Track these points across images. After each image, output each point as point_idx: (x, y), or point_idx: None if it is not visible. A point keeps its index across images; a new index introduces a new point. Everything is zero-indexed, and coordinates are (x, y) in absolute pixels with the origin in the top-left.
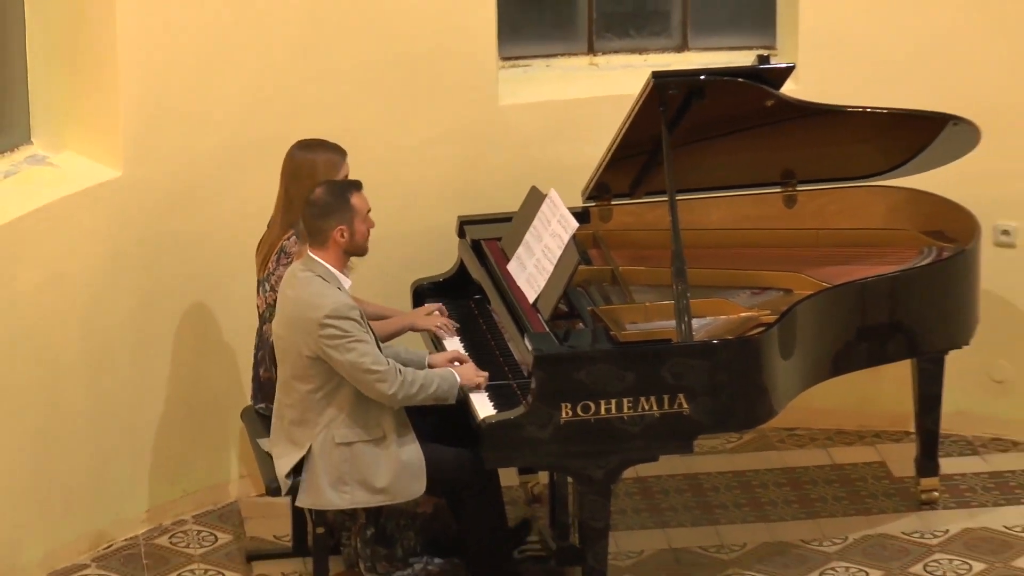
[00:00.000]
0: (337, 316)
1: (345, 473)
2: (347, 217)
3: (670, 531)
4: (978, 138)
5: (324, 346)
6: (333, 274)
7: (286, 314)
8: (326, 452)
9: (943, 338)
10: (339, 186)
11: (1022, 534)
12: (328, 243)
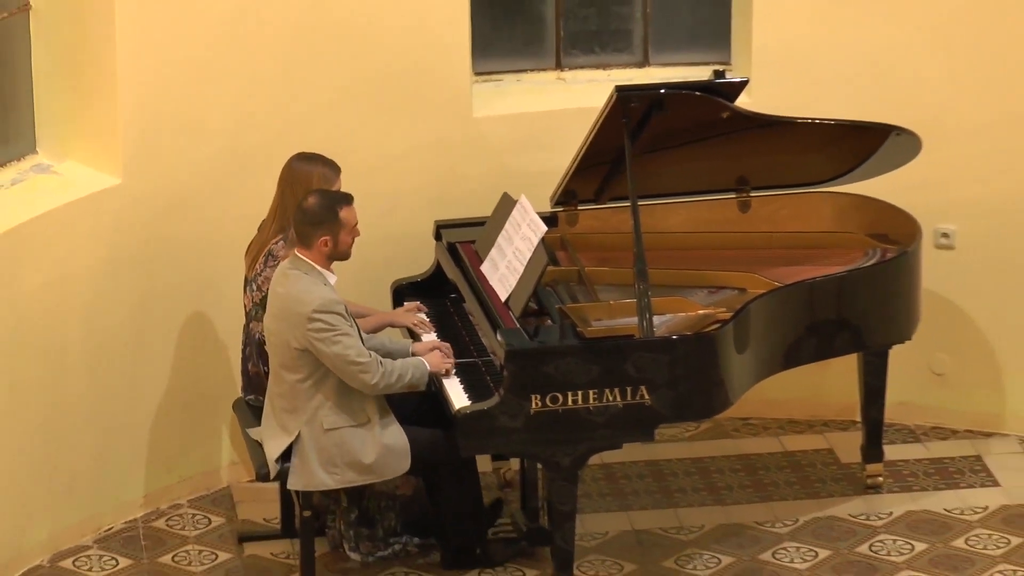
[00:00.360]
0: (324, 311)
1: (335, 456)
2: (334, 229)
3: (632, 514)
4: (919, 147)
5: (312, 339)
6: (318, 271)
7: (276, 309)
8: (315, 437)
9: (887, 334)
10: (331, 198)
11: (961, 516)
12: (312, 247)
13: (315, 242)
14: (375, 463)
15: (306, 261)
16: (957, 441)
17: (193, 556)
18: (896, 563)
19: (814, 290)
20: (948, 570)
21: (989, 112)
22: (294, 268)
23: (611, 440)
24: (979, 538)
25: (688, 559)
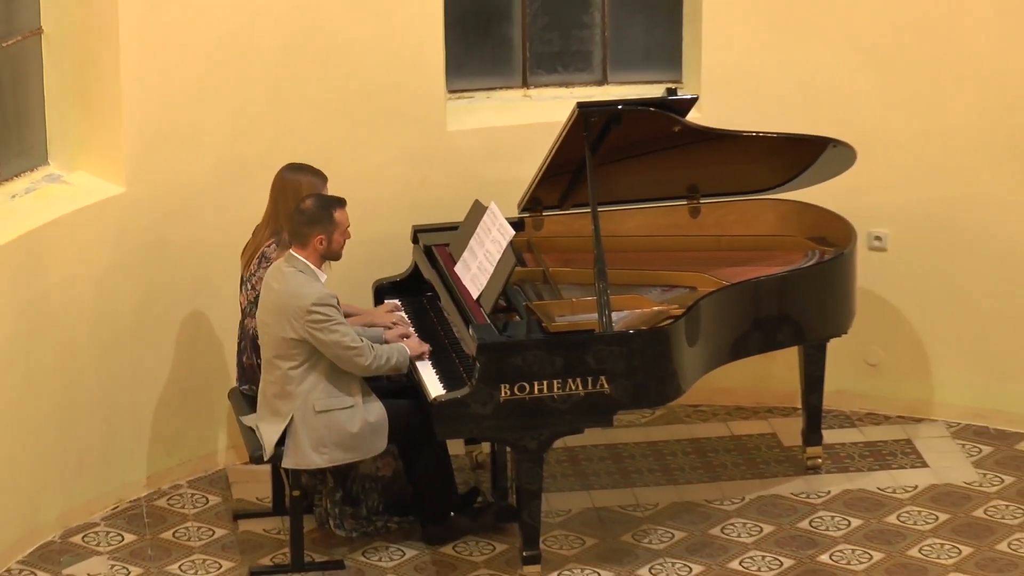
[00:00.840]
0: (321, 304)
1: (324, 437)
2: (328, 228)
3: (593, 493)
4: (854, 157)
5: (311, 329)
6: (312, 270)
7: (272, 303)
8: (307, 420)
9: (825, 328)
10: (327, 201)
11: (893, 495)
12: (307, 246)
13: (311, 240)
14: (359, 439)
15: (301, 259)
16: (889, 426)
17: (192, 532)
18: (834, 537)
19: (758, 288)
20: (881, 544)
21: (917, 125)
22: (289, 266)
23: (573, 425)
24: (909, 515)
25: (644, 534)
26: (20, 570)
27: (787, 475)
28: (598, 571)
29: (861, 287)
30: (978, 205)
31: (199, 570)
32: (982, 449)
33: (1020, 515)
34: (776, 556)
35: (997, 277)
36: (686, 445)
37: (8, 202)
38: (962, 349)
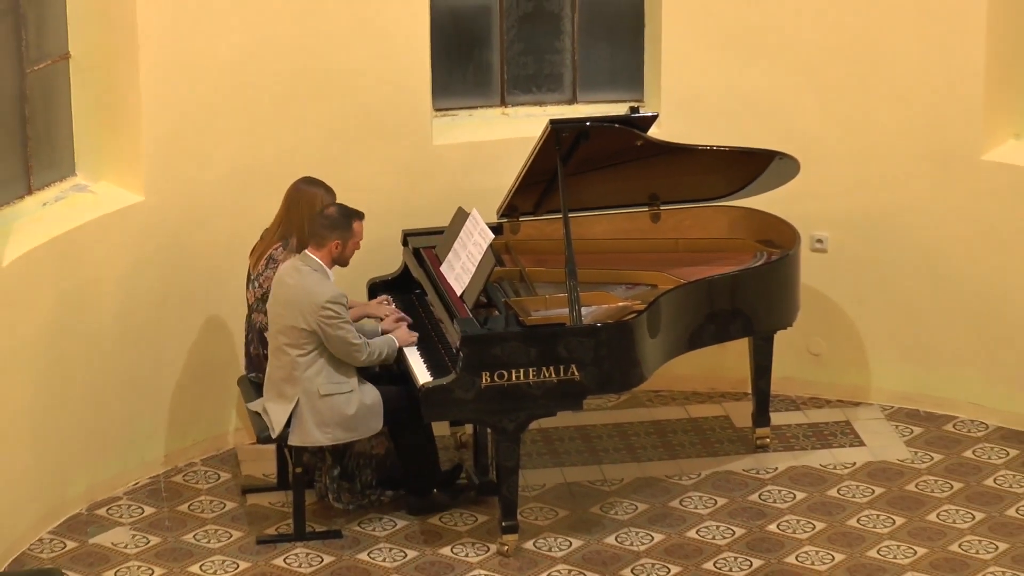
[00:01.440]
0: (333, 302)
1: (327, 417)
2: (345, 235)
3: (565, 469)
4: (798, 168)
5: (322, 324)
6: (324, 269)
7: (285, 296)
8: (312, 402)
9: (773, 321)
10: (348, 211)
11: (833, 471)
12: (323, 247)
13: (328, 243)
14: (358, 420)
15: (315, 259)
16: (830, 409)
17: (205, 505)
18: (781, 509)
19: (712, 286)
20: (823, 515)
21: (853, 140)
22: (304, 264)
23: (547, 409)
24: (848, 488)
25: (611, 506)
26: (51, 539)
27: (739, 453)
28: (570, 539)
29: (804, 284)
30: (906, 210)
31: (211, 539)
32: (913, 430)
33: (948, 489)
34: (729, 526)
35: (925, 275)
36: (648, 426)
37: (40, 209)
38: (895, 340)
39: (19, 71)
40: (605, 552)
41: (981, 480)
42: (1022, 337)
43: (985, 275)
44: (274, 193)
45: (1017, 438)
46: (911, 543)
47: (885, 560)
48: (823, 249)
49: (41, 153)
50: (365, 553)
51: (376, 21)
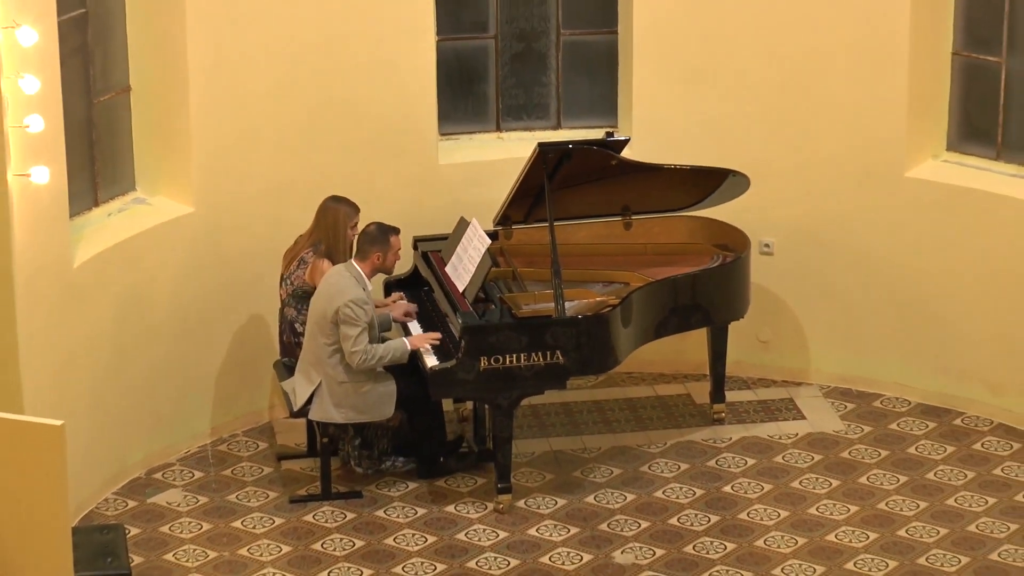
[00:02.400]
0: (354, 303)
1: (343, 400)
2: (384, 248)
3: (551, 439)
4: (748, 184)
5: (341, 317)
6: (363, 278)
7: (327, 291)
8: (331, 386)
9: (727, 314)
10: (386, 228)
11: (779, 441)
12: (367, 259)
13: (370, 256)
14: (370, 405)
15: (357, 268)
16: (776, 388)
17: (246, 470)
18: (734, 473)
19: (676, 284)
20: (770, 478)
21: (796, 158)
22: (347, 271)
23: (536, 388)
24: (792, 455)
25: (590, 470)
26: (114, 499)
27: (698, 426)
28: (555, 499)
29: (754, 283)
30: (841, 220)
31: (251, 499)
32: (846, 406)
33: (876, 456)
34: (690, 487)
35: (856, 275)
36: (621, 403)
37: (105, 219)
38: (831, 329)
39: (87, 102)
40: (585, 509)
41: (904, 448)
42: (939, 327)
43: (907, 275)
44: (304, 205)
45: (935, 412)
46: (845, 502)
47: (823, 517)
48: (770, 252)
49: (106, 171)
50: (382, 511)
51: (390, 59)
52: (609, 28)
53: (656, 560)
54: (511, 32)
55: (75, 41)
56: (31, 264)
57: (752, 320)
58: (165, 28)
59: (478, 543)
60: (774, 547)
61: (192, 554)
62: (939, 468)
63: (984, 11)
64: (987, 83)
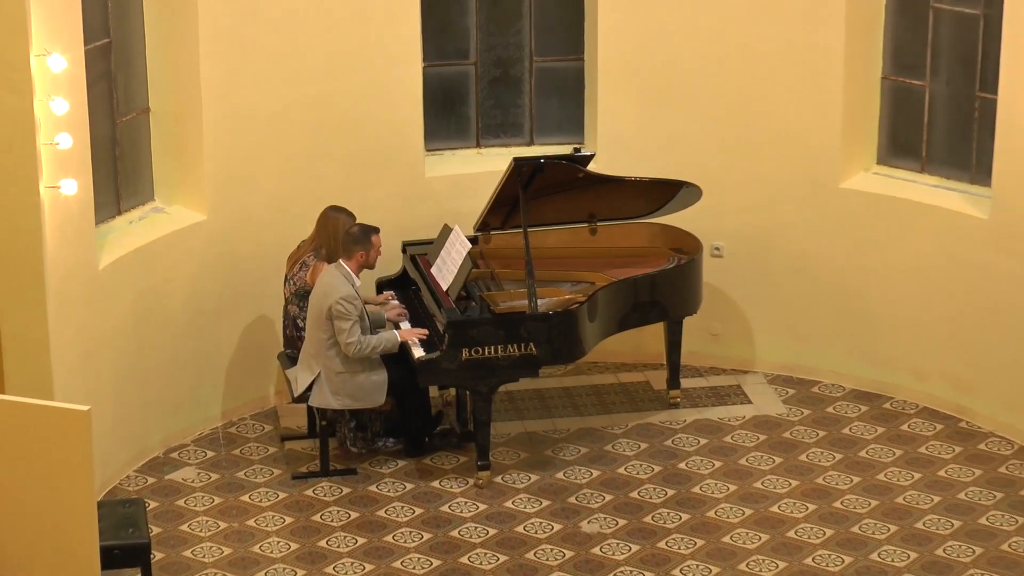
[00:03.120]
0: (345, 300)
1: (340, 388)
2: (367, 247)
3: (526, 422)
4: (700, 194)
5: (334, 313)
6: (351, 275)
7: (322, 290)
8: (330, 376)
9: (682, 309)
10: (367, 228)
11: (728, 423)
12: (353, 258)
13: (355, 254)
14: (364, 393)
15: (345, 267)
16: (725, 376)
17: (253, 449)
18: (688, 452)
19: (636, 283)
20: (721, 456)
21: (743, 172)
22: (337, 270)
23: (512, 376)
24: (739, 435)
25: (560, 449)
26: (136, 476)
27: (656, 409)
28: (529, 475)
29: (706, 282)
30: (783, 226)
31: (258, 475)
32: (788, 391)
33: (815, 436)
34: (649, 464)
35: (797, 275)
36: (588, 389)
37: (127, 226)
38: (774, 324)
39: (111, 121)
40: (556, 484)
41: (839, 430)
42: (870, 321)
43: (843, 275)
44: (306, 214)
45: (866, 397)
46: (787, 477)
47: (767, 490)
48: (720, 255)
49: (128, 184)
50: (374, 486)
51: (382, 83)
52: (576, 56)
53: (619, 529)
54: (489, 59)
55: (100, 67)
56: (61, 266)
57: (704, 315)
58: (181, 56)
59: (460, 514)
60: (724, 517)
61: (205, 525)
62: (870, 447)
63: (910, 40)
64: (913, 104)
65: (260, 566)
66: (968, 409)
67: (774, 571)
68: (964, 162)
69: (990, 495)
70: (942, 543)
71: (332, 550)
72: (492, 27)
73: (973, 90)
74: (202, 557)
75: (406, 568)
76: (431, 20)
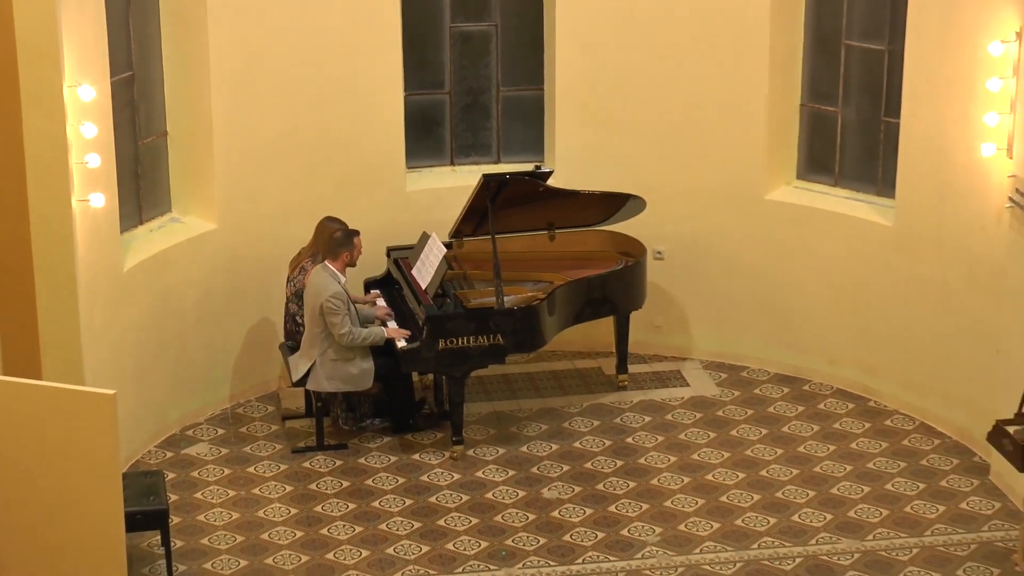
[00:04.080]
0: (334, 297)
1: (333, 374)
2: (350, 248)
3: (493, 402)
4: (644, 205)
5: (323, 309)
6: (337, 275)
7: (313, 290)
8: (325, 364)
9: (629, 305)
10: (350, 232)
11: (670, 403)
12: (338, 259)
13: (340, 256)
14: (355, 378)
15: (331, 268)
16: (667, 363)
17: (258, 428)
18: (635, 428)
19: (589, 282)
20: (663, 432)
21: (680, 185)
22: (324, 270)
23: (482, 363)
24: (679, 414)
25: (524, 427)
26: (155, 451)
27: (607, 391)
28: (497, 448)
29: (650, 281)
30: (715, 232)
31: (262, 450)
32: (721, 376)
33: (744, 415)
34: (601, 439)
35: (728, 275)
36: (548, 374)
37: (148, 233)
38: (708, 317)
39: (134, 143)
40: (520, 456)
41: (765, 409)
42: (790, 314)
43: (767, 275)
44: (303, 223)
45: (788, 381)
46: (720, 450)
47: (703, 462)
48: (661, 258)
49: (148, 197)
50: (363, 458)
51: (369, 110)
52: (537, 86)
53: (575, 495)
54: (462, 89)
55: (124, 97)
56: (90, 269)
57: (648, 310)
58: (194, 87)
59: (438, 483)
60: (666, 485)
61: (216, 493)
62: (792, 423)
63: (824, 72)
64: (827, 127)
65: (264, 528)
66: (875, 390)
67: (709, 531)
68: (871, 177)
69: (895, 464)
70: (854, 506)
71: (327, 514)
72: (464, 61)
73: (879, 115)
74: (214, 521)
75: (391, 530)
76: (411, 56)
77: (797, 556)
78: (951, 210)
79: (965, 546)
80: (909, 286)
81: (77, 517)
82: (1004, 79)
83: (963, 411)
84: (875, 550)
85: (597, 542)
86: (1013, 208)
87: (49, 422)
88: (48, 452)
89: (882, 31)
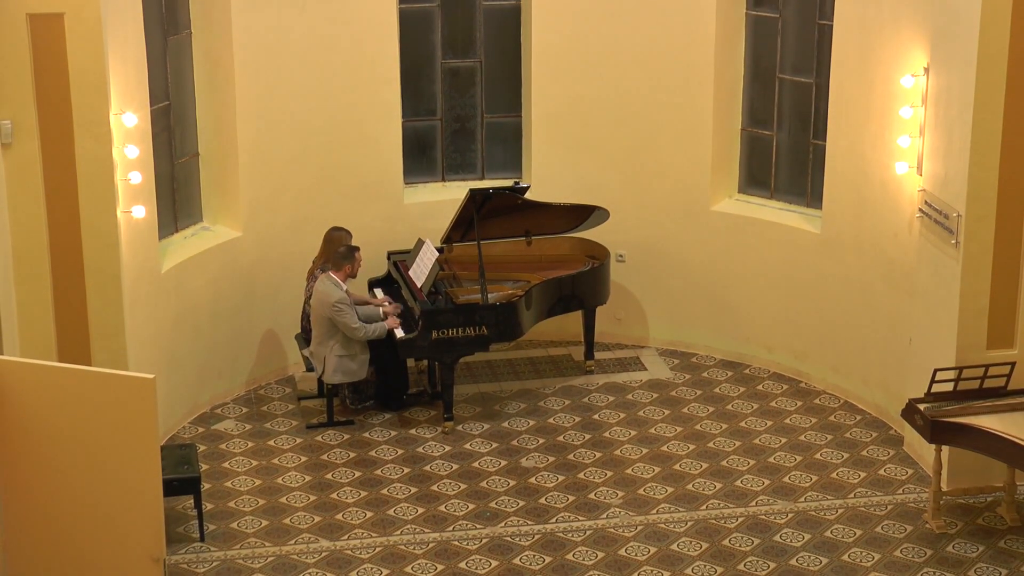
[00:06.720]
0: (339, 302)
1: (337, 368)
2: (351, 261)
3: (479, 384)
4: (608, 216)
5: (332, 314)
6: (339, 284)
7: (319, 298)
8: (332, 359)
9: (595, 301)
10: (352, 248)
11: (630, 385)
12: (341, 269)
13: (343, 267)
14: (354, 370)
15: (335, 277)
16: (627, 350)
17: (277, 406)
18: (601, 406)
19: (560, 281)
20: (624, 410)
21: (638, 199)
22: (328, 280)
23: (469, 350)
24: (638, 394)
25: (504, 405)
26: (189, 427)
27: (576, 375)
28: (483, 424)
29: (612, 281)
30: (667, 239)
31: (281, 425)
32: (673, 361)
33: (694, 395)
34: (571, 416)
35: (679, 276)
36: (526, 361)
37: (182, 240)
38: (663, 311)
39: (171, 162)
40: (502, 431)
41: (712, 390)
42: (733, 309)
43: (713, 274)
44: (316, 231)
45: (731, 366)
46: (673, 425)
47: (659, 435)
48: (623, 261)
49: (183, 209)
50: (367, 433)
51: (371, 134)
52: (516, 113)
53: (549, 464)
54: (451, 116)
55: (162, 123)
56: (133, 271)
57: (611, 305)
58: (222, 114)
59: (432, 454)
60: (627, 456)
61: (241, 463)
62: (735, 402)
63: (761, 101)
64: (764, 149)
65: (282, 493)
66: (805, 373)
67: (664, 495)
68: (801, 191)
69: (822, 437)
70: (787, 472)
71: (336, 481)
72: (453, 92)
73: (808, 138)
74: (239, 487)
75: (391, 494)
76: (408, 88)
77: (739, 516)
78: (870, 220)
79: (883, 506)
80: (834, 284)
81: (122, 483)
82: (915, 107)
83: (881, 391)
84: (806, 510)
85: (568, 504)
86: (923, 218)
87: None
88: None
89: (810, 66)
